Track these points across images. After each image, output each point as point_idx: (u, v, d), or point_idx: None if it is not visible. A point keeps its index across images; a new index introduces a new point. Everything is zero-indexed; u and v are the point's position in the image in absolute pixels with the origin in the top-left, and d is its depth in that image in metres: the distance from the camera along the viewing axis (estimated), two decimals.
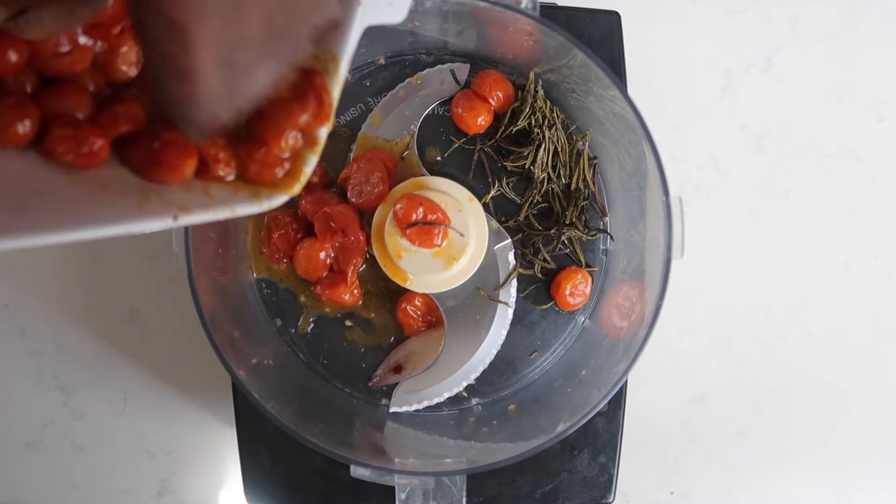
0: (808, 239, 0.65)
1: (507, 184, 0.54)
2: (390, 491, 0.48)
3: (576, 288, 0.54)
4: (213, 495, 0.63)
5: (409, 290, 0.52)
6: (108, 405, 0.62)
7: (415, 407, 0.53)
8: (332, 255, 0.52)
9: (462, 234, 0.50)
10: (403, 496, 0.48)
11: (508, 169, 0.54)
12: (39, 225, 0.27)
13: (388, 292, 0.54)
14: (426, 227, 0.49)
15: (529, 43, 0.51)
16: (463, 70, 0.54)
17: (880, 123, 0.65)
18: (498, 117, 0.54)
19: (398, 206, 0.49)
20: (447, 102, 0.55)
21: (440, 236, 0.50)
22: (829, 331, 0.64)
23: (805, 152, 0.65)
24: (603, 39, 0.55)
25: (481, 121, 0.53)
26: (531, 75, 0.53)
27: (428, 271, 0.51)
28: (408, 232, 0.49)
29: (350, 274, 0.51)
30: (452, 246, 0.51)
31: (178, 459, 0.63)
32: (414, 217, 0.49)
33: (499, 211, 0.55)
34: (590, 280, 0.54)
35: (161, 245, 0.61)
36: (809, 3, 0.65)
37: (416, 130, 0.54)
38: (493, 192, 0.54)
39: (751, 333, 0.64)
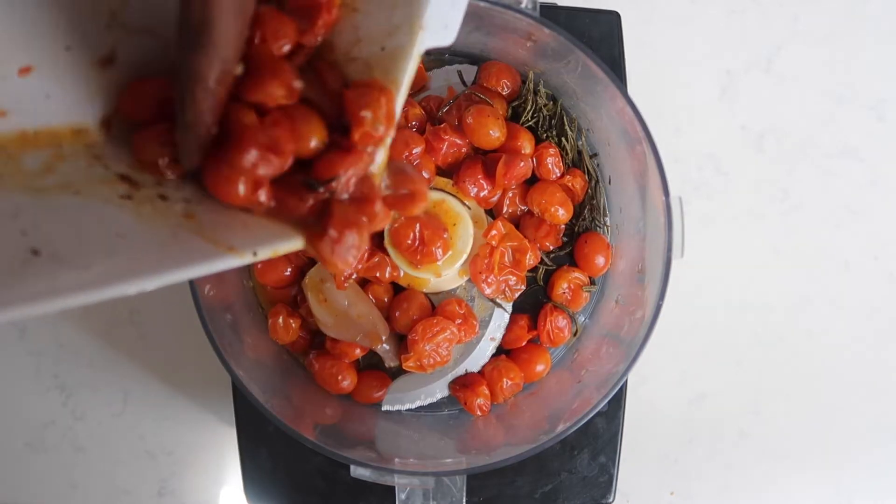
0: (808, 239, 0.65)
1: None
2: (390, 491, 0.48)
3: (572, 287, 0.54)
4: (213, 495, 0.63)
5: (405, 290, 0.52)
6: (108, 405, 0.62)
7: (407, 406, 0.53)
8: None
9: (468, 207, 0.50)
10: (403, 496, 0.48)
11: None
12: (132, 270, 0.26)
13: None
14: (425, 247, 0.49)
15: (529, 43, 0.51)
16: (470, 72, 0.55)
17: (880, 123, 0.65)
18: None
19: (394, 224, 0.49)
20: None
21: (440, 250, 0.49)
22: (829, 331, 0.64)
23: (805, 152, 0.65)
24: (603, 39, 0.55)
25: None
26: (530, 74, 0.53)
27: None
28: (407, 255, 0.49)
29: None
30: (453, 249, 0.50)
31: (178, 459, 0.63)
32: (408, 241, 0.48)
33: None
34: (587, 279, 0.54)
35: None
36: (809, 3, 0.65)
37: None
38: None
39: (751, 333, 0.64)
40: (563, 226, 0.53)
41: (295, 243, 0.31)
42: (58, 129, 0.30)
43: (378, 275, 0.50)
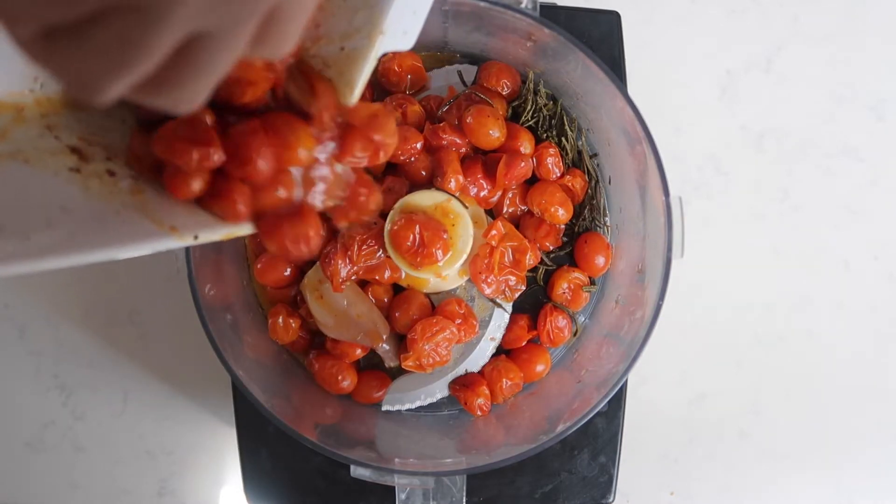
0: (808, 239, 0.65)
1: None
2: (390, 491, 0.48)
3: (572, 287, 0.54)
4: (213, 495, 0.63)
5: (405, 290, 0.52)
6: (108, 405, 0.62)
7: (407, 406, 0.53)
8: None
9: (467, 207, 0.50)
10: (403, 496, 0.48)
11: None
12: (71, 245, 0.26)
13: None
14: (425, 248, 0.48)
15: (529, 43, 0.51)
16: (470, 72, 0.55)
17: (880, 123, 0.65)
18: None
19: (394, 226, 0.48)
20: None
21: (440, 251, 0.49)
22: (829, 331, 0.64)
23: (805, 152, 0.65)
24: (603, 39, 0.55)
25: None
26: (530, 74, 0.53)
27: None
28: (407, 257, 0.49)
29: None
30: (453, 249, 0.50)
31: (178, 459, 0.63)
32: (408, 242, 0.48)
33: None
34: (588, 279, 0.54)
35: None
36: (809, 3, 0.65)
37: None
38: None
39: (751, 333, 0.64)
40: (563, 226, 0.53)
41: (240, 230, 0.31)
42: (21, 95, 0.30)
43: (378, 276, 0.50)
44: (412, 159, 0.51)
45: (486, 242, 0.50)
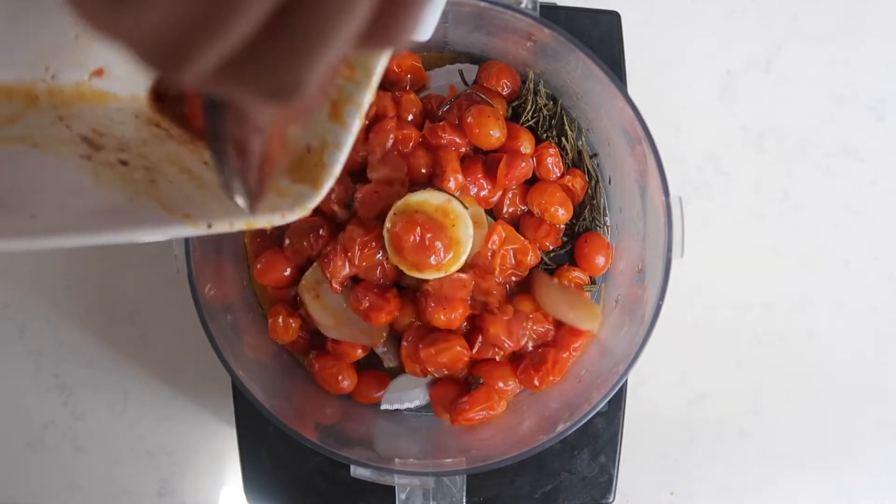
0: (808, 239, 0.65)
1: None
2: (390, 491, 0.48)
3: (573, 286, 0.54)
4: (213, 495, 0.63)
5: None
6: (108, 405, 0.62)
7: (406, 405, 0.53)
8: None
9: (467, 207, 0.50)
10: (403, 496, 0.48)
11: None
12: (78, 226, 0.26)
13: None
14: (426, 252, 0.48)
15: (529, 43, 0.51)
16: (470, 71, 0.54)
17: (880, 123, 0.65)
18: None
19: (395, 227, 0.48)
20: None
21: (441, 253, 0.49)
22: (829, 331, 0.64)
23: (805, 152, 0.65)
24: (603, 39, 0.55)
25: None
26: (530, 74, 0.53)
27: None
28: (408, 259, 0.48)
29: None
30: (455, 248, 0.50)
31: (178, 459, 0.63)
32: (410, 244, 0.47)
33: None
34: (588, 279, 0.54)
35: (161, 245, 0.61)
36: (809, 3, 0.65)
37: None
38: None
39: (751, 333, 0.64)
40: (562, 226, 0.53)
41: (256, 222, 0.31)
42: (33, 84, 0.30)
43: (377, 275, 0.50)
44: (406, 148, 0.50)
45: (488, 247, 0.50)
